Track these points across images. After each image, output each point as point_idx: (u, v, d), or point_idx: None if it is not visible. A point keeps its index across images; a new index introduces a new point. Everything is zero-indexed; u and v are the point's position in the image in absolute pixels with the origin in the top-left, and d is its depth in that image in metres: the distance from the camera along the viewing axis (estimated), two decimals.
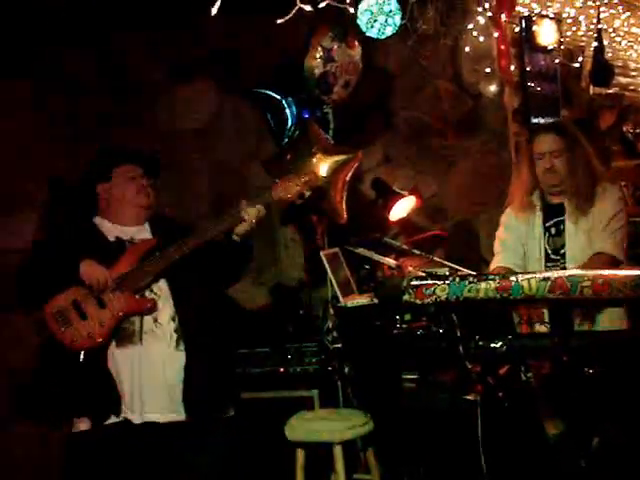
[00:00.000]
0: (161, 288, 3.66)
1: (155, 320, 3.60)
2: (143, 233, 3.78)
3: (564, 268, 3.93)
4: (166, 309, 3.63)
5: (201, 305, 3.71)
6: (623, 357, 3.22)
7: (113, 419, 3.53)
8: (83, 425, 3.56)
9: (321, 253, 4.94)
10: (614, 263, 3.86)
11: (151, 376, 3.56)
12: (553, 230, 4.07)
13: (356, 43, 5.01)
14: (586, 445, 3.17)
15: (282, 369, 4.77)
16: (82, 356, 3.51)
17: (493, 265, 4.15)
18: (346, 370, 4.63)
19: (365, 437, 4.27)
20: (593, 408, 3.26)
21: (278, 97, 5.13)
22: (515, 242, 4.12)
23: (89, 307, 3.53)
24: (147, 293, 3.63)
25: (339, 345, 4.67)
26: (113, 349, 3.56)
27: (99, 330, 3.51)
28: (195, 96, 5.47)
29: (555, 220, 4.07)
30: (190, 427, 3.59)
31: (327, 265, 4.89)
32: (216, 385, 3.67)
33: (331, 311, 4.87)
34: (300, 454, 4.21)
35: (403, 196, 5.32)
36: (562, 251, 4.02)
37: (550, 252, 4.06)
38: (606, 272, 3.19)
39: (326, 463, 4.25)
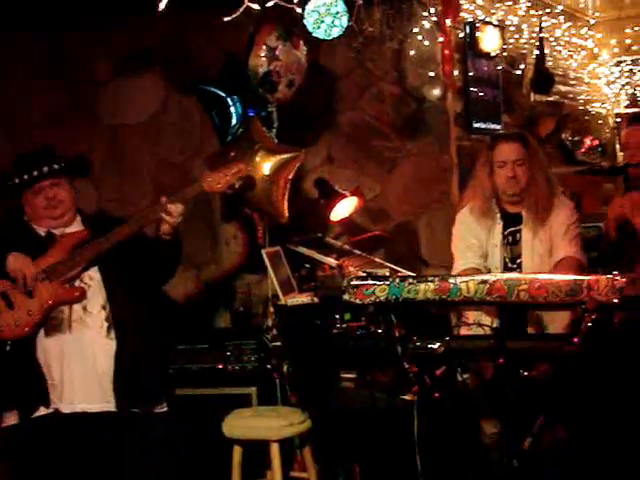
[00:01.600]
0: (92, 277, 3.65)
1: (85, 309, 3.59)
2: (75, 228, 3.75)
3: None
4: (97, 298, 3.63)
5: (133, 296, 3.69)
6: (558, 360, 3.27)
7: (42, 411, 3.52)
8: (12, 419, 3.54)
9: (262, 251, 4.93)
10: (580, 267, 3.92)
11: (81, 364, 3.55)
12: (510, 238, 4.10)
13: (301, 43, 5.01)
14: (519, 445, 3.21)
15: (221, 366, 4.75)
16: (8, 346, 3.48)
17: (459, 266, 4.10)
18: (285, 368, 4.62)
19: (302, 435, 4.27)
20: (527, 409, 3.30)
21: (223, 94, 5.11)
22: (477, 246, 4.11)
23: (17, 297, 3.51)
24: (77, 282, 3.62)
25: (278, 343, 4.67)
26: (42, 338, 3.55)
27: (26, 319, 3.49)
28: (139, 91, 5.43)
29: (512, 229, 4.10)
30: (121, 418, 3.57)
31: (268, 263, 4.89)
32: (147, 376, 3.66)
33: (271, 309, 4.87)
34: (237, 451, 4.21)
35: (345, 196, 5.33)
36: (518, 260, 4.06)
37: (508, 261, 4.09)
38: (542, 277, 3.25)
39: (263, 461, 4.25)
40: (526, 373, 3.28)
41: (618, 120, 10.26)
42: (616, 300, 3.06)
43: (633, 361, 3.28)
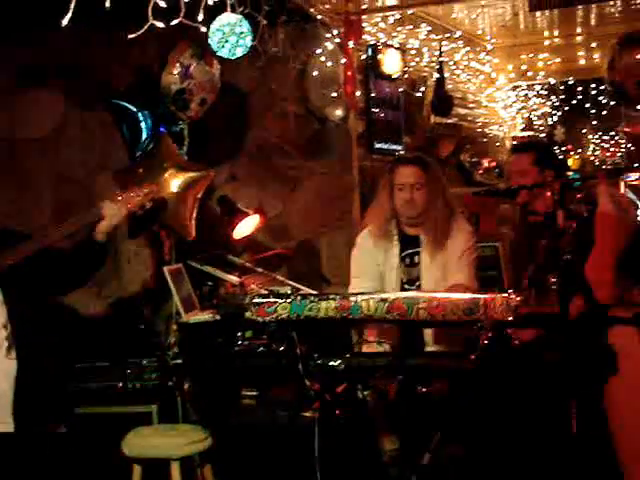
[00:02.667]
0: None
1: None
2: None
3: None
4: None
5: (36, 315, 3.63)
6: (456, 376, 3.33)
7: None
8: None
9: (164, 269, 4.90)
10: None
11: None
12: (408, 261, 4.14)
13: (215, 61, 5.00)
14: (417, 461, 3.26)
15: (120, 384, 4.69)
16: None
17: (352, 288, 4.14)
18: (186, 386, 4.60)
19: (203, 453, 4.25)
20: (425, 425, 3.36)
21: (134, 109, 5.07)
22: (373, 267, 4.14)
23: None
24: None
25: (180, 361, 4.64)
26: None
27: None
28: (39, 105, 5.34)
29: (410, 251, 4.14)
30: (18, 440, 3.50)
31: (170, 281, 4.86)
32: (47, 396, 3.59)
33: (174, 327, 4.84)
34: (136, 470, 4.16)
35: (248, 214, 5.34)
36: (417, 283, 4.10)
37: (405, 282, 4.13)
38: (440, 295, 3.31)
39: (163, 479, 4.21)
40: (424, 390, 3.33)
41: (514, 143, 10.56)
42: (510, 318, 3.15)
43: (527, 378, 3.37)
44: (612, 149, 13.04)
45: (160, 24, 3.56)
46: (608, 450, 3.71)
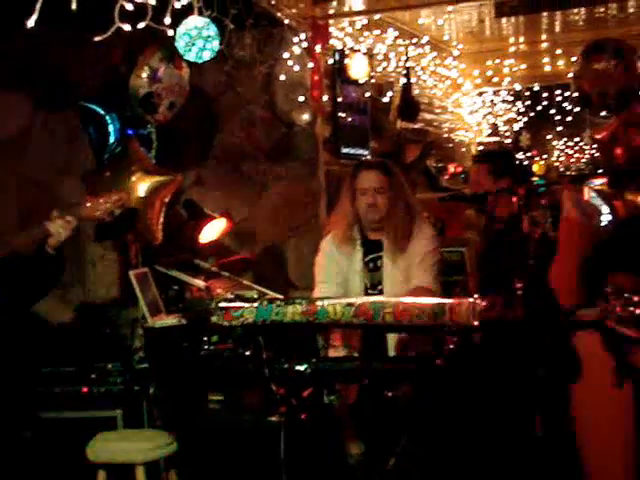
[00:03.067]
0: None
1: None
2: None
3: None
4: None
5: (1, 321, 3.59)
6: (421, 380, 3.35)
7: None
8: None
9: (130, 273, 4.88)
10: (432, 296, 4.00)
11: None
12: (371, 265, 4.13)
13: (184, 65, 4.98)
14: (383, 465, 3.27)
15: (85, 389, 4.66)
16: None
17: (316, 293, 4.15)
18: (151, 390, 4.57)
19: (168, 458, 4.23)
20: (391, 429, 3.37)
21: (101, 112, 5.03)
22: (337, 272, 4.14)
23: None
24: None
25: (145, 365, 4.62)
26: None
27: None
28: (5, 107, 5.30)
29: (373, 256, 4.14)
30: None
31: (136, 285, 4.84)
32: (13, 402, 3.56)
33: (139, 331, 4.81)
34: (101, 476, 4.13)
35: (214, 218, 5.33)
36: (380, 287, 4.10)
37: (368, 286, 4.13)
38: (407, 300, 3.33)
39: None
40: (390, 394, 3.35)
41: (480, 148, 10.63)
42: (476, 323, 3.17)
43: (492, 381, 3.39)
44: (576, 155, 13.19)
45: (127, 27, 3.55)
46: (573, 453, 3.74)
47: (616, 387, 3.27)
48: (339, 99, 7.17)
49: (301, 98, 6.54)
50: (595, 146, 9.39)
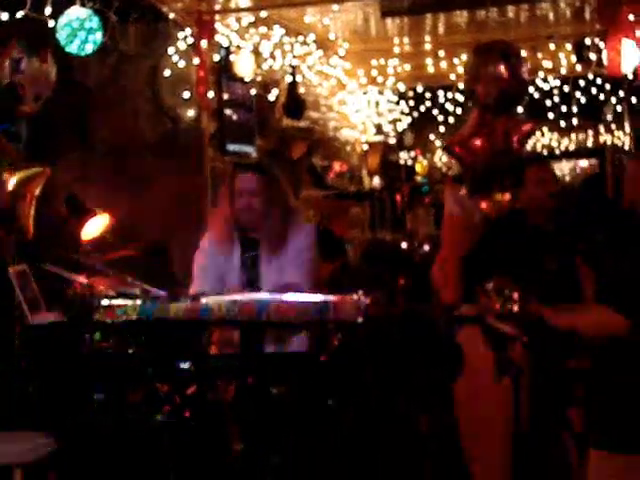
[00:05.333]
0: None
1: None
2: None
3: None
4: None
5: None
6: (304, 378, 3.36)
7: None
8: None
9: (9, 269, 4.74)
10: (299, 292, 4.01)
11: None
12: (249, 262, 4.14)
13: (49, 57, 4.87)
14: (266, 461, 3.27)
15: None
16: None
17: (192, 290, 4.11)
18: (31, 389, 4.46)
19: (48, 459, 4.13)
20: (275, 426, 3.37)
21: None
22: (214, 269, 4.14)
23: None
24: None
25: (25, 364, 4.50)
26: None
27: None
28: None
29: (251, 254, 4.14)
30: None
31: (15, 282, 4.70)
32: None
33: (18, 329, 4.68)
34: None
35: (96, 214, 5.23)
36: (257, 284, 4.10)
37: (246, 284, 4.13)
38: (291, 298, 3.34)
39: None
40: (275, 391, 3.35)
41: (365, 147, 10.74)
42: (360, 319, 3.19)
43: (377, 377, 3.43)
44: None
45: (5, 16, 3.45)
46: (457, 450, 3.83)
47: (495, 381, 3.35)
48: (225, 96, 7.14)
49: (186, 94, 6.49)
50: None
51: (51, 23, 4.59)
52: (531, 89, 9.20)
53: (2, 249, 4.87)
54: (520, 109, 8.88)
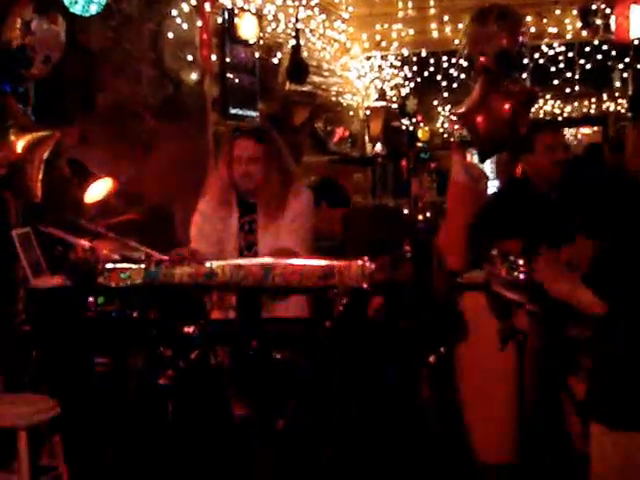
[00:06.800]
0: None
1: None
2: None
3: None
4: None
5: None
6: (306, 343, 3.36)
7: None
8: None
9: (12, 232, 4.73)
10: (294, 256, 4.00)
11: None
12: (247, 227, 4.14)
13: (59, 18, 4.83)
14: (272, 427, 3.28)
15: None
16: None
17: None
18: (34, 354, 4.47)
19: (52, 422, 4.15)
20: (279, 391, 3.38)
21: None
22: (211, 233, 4.14)
23: None
24: None
25: (28, 328, 4.50)
26: None
27: None
28: None
29: (249, 218, 4.14)
30: None
31: (18, 245, 4.69)
32: None
33: (21, 293, 4.68)
34: None
35: (99, 178, 5.21)
36: (254, 248, 4.10)
37: (244, 248, 4.13)
38: (297, 262, 3.33)
39: (10, 449, 4.10)
40: (278, 356, 3.35)
41: (368, 113, 10.68)
42: (365, 285, 3.19)
43: (381, 344, 3.43)
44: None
45: None
46: (457, 413, 3.83)
47: (500, 349, 3.35)
48: (228, 59, 7.09)
49: (189, 57, 6.44)
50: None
51: None
52: (536, 55, 9.16)
53: (9, 212, 4.85)
54: (524, 75, 8.91)
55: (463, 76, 9.42)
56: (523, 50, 7.51)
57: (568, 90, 10.02)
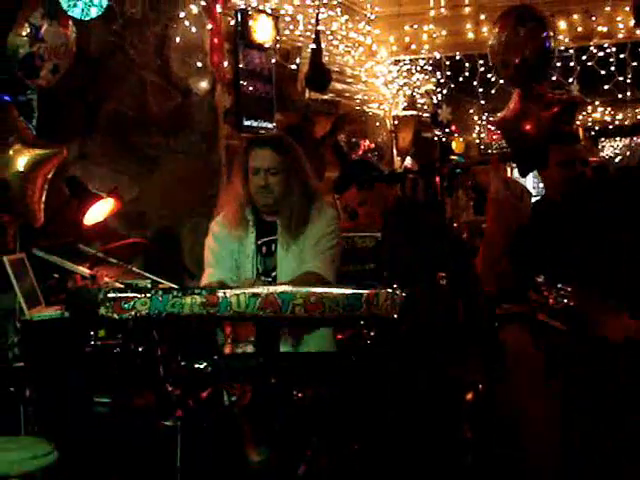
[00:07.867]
0: None
1: None
2: None
3: None
4: None
5: None
6: (332, 380, 3.36)
7: None
8: None
9: (4, 258, 4.77)
10: (322, 283, 3.98)
11: None
12: (264, 249, 4.12)
13: (70, 23, 4.86)
14: (292, 473, 3.28)
15: None
16: None
17: (206, 279, 4.13)
18: (28, 392, 4.49)
19: (47, 469, 4.16)
20: (300, 433, 3.38)
21: None
22: (228, 256, 4.12)
23: None
24: None
25: (22, 364, 4.53)
26: None
27: None
28: None
29: (267, 239, 4.12)
30: None
31: (11, 272, 4.73)
32: None
33: (15, 325, 4.72)
34: None
35: (100, 198, 5.25)
36: (273, 273, 4.08)
37: (261, 273, 4.10)
38: (319, 290, 3.33)
39: None
40: (299, 394, 3.35)
41: (396, 123, 10.71)
42: (396, 315, 3.19)
43: (414, 375, 3.43)
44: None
45: None
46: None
47: (546, 382, 3.35)
48: (241, 65, 7.14)
49: (199, 63, 6.49)
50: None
51: None
52: (583, 57, 9.17)
53: (5, 236, 4.89)
54: (570, 79, 8.91)
55: (502, 81, 9.44)
56: (551, 56, 7.49)
57: (620, 95, 10.01)
